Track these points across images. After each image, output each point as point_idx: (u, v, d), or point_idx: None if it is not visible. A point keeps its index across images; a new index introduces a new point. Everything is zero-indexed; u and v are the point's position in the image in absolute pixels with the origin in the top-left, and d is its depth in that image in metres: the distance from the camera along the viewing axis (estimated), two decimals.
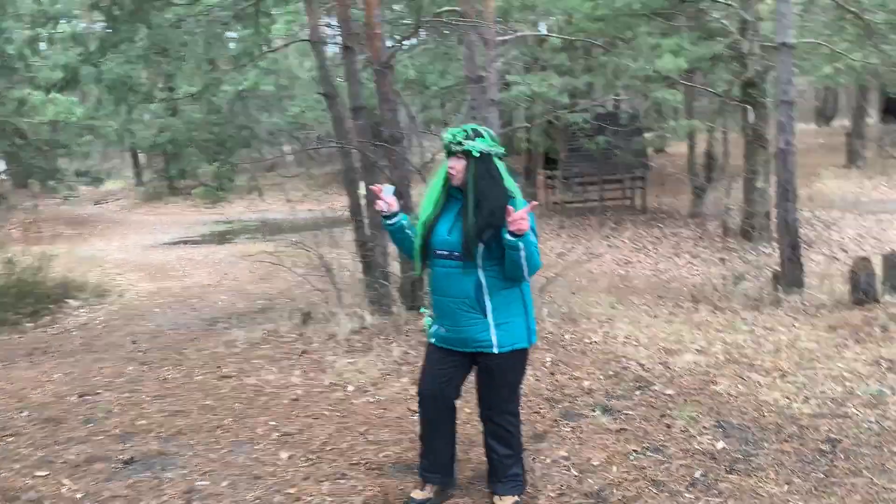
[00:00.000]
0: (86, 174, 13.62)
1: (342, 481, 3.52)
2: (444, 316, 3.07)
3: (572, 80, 14.45)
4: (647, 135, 18.72)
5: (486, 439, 3.22)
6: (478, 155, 2.93)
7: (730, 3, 13.31)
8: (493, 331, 2.99)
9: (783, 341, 5.55)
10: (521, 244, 2.77)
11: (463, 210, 2.96)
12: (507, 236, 2.77)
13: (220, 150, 10.45)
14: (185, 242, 19.60)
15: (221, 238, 19.75)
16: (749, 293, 8.98)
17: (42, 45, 9.44)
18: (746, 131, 14.54)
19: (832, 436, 3.68)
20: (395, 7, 10.73)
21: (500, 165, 3.02)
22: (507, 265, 2.90)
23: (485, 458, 3.28)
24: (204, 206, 27.00)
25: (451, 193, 3.04)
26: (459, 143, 2.93)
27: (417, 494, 3.26)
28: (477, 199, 2.91)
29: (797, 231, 8.62)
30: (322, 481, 3.53)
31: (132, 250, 18.24)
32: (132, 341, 8.00)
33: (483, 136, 2.97)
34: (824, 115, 33.09)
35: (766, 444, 3.60)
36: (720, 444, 3.61)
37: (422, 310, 3.27)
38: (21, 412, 4.77)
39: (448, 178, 3.02)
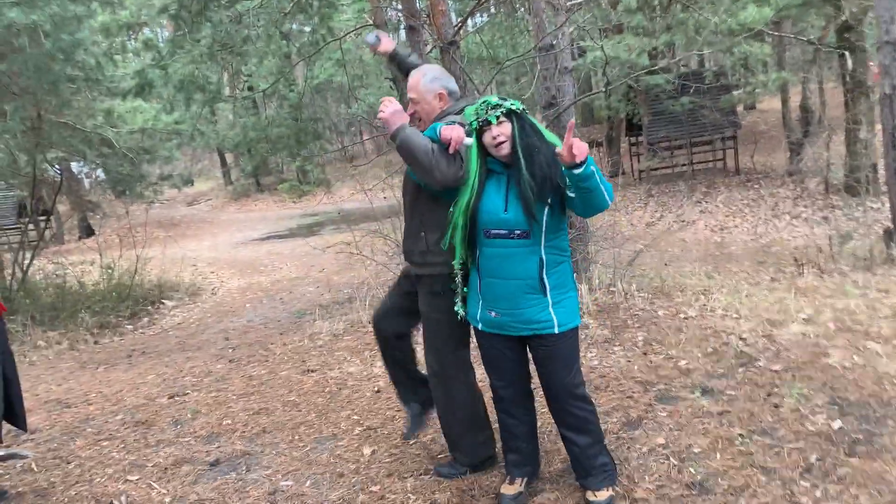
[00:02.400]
0: (170, 177, 14.05)
1: (426, 476, 3.38)
2: (498, 299, 2.82)
3: (651, 41, 13.81)
4: (735, 92, 17.77)
5: (561, 432, 3.01)
6: (519, 112, 2.73)
7: None
8: (552, 310, 2.78)
9: None
10: (592, 168, 2.51)
11: (515, 175, 2.73)
12: (576, 171, 2.50)
13: (296, 145, 10.50)
14: (274, 237, 20.04)
15: (308, 231, 20.09)
16: (858, 253, 8.35)
17: (118, 56, 9.72)
18: (845, 79, 13.56)
19: None
20: None
21: (536, 122, 2.81)
22: (587, 198, 2.59)
23: None
24: (290, 201, 27.64)
25: (490, 168, 2.81)
26: (498, 106, 2.70)
27: (507, 489, 3.08)
28: (528, 153, 2.69)
29: None
30: (406, 477, 3.40)
31: (223, 248, 18.78)
32: (224, 338, 8.16)
33: (505, 99, 2.76)
34: None
35: (890, 422, 3.23)
36: (837, 424, 3.26)
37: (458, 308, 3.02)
38: (116, 415, 4.88)
39: (483, 153, 2.79)
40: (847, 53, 12.95)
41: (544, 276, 2.76)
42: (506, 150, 2.72)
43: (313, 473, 3.57)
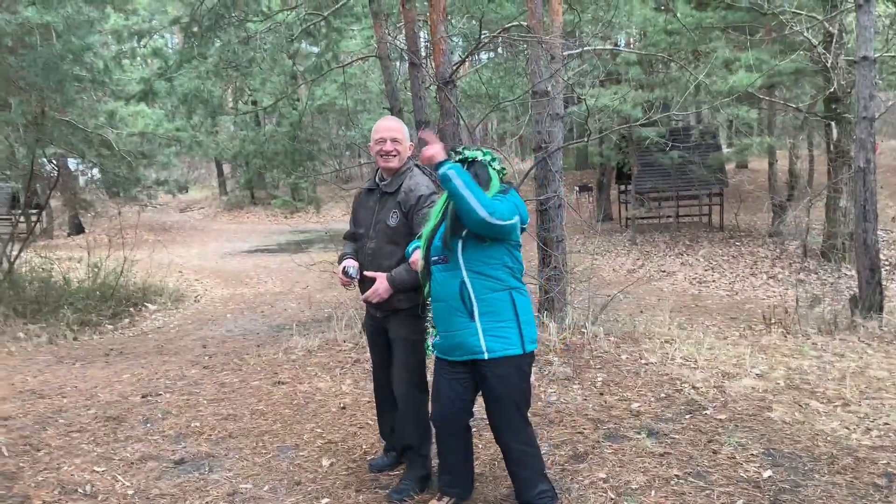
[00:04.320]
0: (165, 183, 14.26)
1: (380, 491, 3.56)
2: (439, 322, 3.14)
3: (646, 94, 14.21)
4: (725, 150, 18.21)
5: (506, 463, 3.22)
6: (469, 160, 3.12)
7: (813, 15, 12.86)
8: (481, 336, 3.00)
9: (851, 369, 5.29)
10: (447, 173, 2.84)
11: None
12: (437, 172, 2.90)
13: (290, 164, 10.77)
14: (262, 251, 20.20)
15: (296, 247, 20.25)
16: (825, 317, 8.61)
17: (125, 61, 9.98)
18: (829, 148, 13.98)
19: (890, 470, 3.49)
20: (463, 23, 10.82)
21: (493, 173, 3.12)
22: (455, 203, 2.88)
23: None
24: (283, 216, 27.83)
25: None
26: (456, 152, 3.15)
27: None
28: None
29: (878, 253, 8.22)
30: (360, 490, 3.58)
31: (211, 257, 18.91)
32: (202, 345, 8.30)
33: (481, 150, 3.17)
34: None
35: (816, 476, 3.44)
36: (767, 473, 3.47)
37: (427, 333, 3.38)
38: (88, 409, 5.03)
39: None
40: (833, 123, 13.37)
41: (470, 299, 3.00)
42: None
43: (272, 479, 3.75)
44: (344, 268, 3.49)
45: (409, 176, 3.45)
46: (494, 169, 3.14)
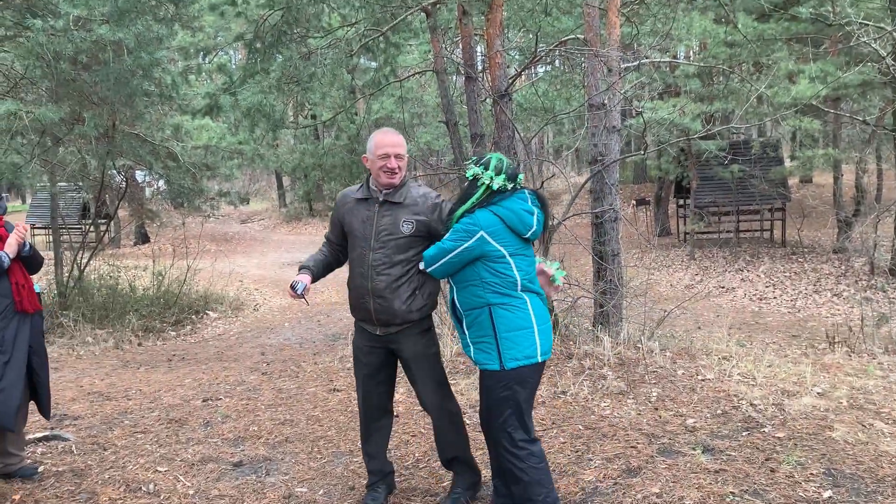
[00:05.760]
0: (227, 194, 14.65)
1: (431, 498, 3.60)
2: None
3: (705, 107, 13.99)
4: (788, 164, 17.77)
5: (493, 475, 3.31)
6: (469, 178, 3.19)
7: (882, 25, 12.48)
8: (471, 347, 3.16)
9: None
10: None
11: None
12: None
13: (347, 175, 10.97)
14: None
15: None
16: (892, 336, 8.32)
17: (191, 76, 10.32)
18: None
19: None
20: (519, 37, 10.88)
21: (478, 192, 3.11)
22: None
23: (574, 489, 3.27)
24: None
25: None
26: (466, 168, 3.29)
27: None
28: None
29: None
30: (412, 498, 3.62)
31: (270, 267, 19.31)
32: (261, 352, 8.50)
33: (489, 167, 3.12)
34: None
35: (879, 497, 3.34)
36: (827, 493, 3.39)
37: None
38: (152, 412, 5.21)
39: None
40: None
41: (459, 314, 3.18)
42: None
43: (327, 484, 3.82)
44: (292, 283, 3.37)
45: (409, 186, 3.42)
46: (484, 184, 3.08)
